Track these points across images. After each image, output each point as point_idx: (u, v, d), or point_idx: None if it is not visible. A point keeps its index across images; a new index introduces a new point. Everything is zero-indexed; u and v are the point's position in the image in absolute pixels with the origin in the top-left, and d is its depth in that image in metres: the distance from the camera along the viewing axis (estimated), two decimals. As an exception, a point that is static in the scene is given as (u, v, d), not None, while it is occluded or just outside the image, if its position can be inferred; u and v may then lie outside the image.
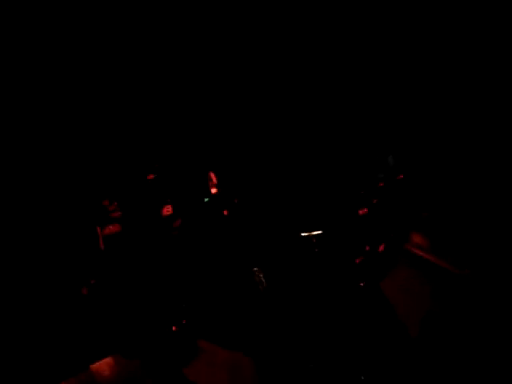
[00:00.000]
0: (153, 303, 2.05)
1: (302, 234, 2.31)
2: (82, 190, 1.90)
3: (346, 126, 2.34)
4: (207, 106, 2.14)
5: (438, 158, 2.65)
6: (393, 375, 2.29)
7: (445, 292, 2.98)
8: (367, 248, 2.48)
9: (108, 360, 2.68)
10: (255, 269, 2.23)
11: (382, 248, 2.51)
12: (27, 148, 1.84)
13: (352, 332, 2.36)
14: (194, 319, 2.16)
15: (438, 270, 3.04)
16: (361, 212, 2.42)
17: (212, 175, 2.14)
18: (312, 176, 2.30)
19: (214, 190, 2.14)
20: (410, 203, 2.63)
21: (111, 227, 1.94)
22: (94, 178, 1.92)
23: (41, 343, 1.91)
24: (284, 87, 2.23)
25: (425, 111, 2.53)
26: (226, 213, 2.17)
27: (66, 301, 1.90)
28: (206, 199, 2.13)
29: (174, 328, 2.10)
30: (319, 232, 2.32)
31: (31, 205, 1.83)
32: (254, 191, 2.23)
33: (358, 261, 2.46)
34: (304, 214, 2.32)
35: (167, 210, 2.04)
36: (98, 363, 2.61)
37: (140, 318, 2.02)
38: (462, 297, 2.86)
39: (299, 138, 2.26)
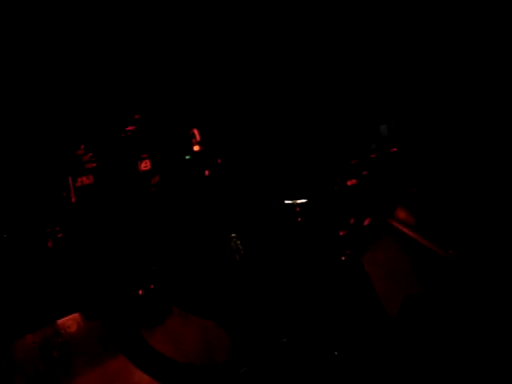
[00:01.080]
0: (121, 263, 1.98)
1: (286, 202, 2.25)
2: (55, 136, 1.80)
3: (340, 93, 2.27)
4: (196, 61, 2.05)
5: (434, 134, 2.60)
6: (368, 353, 2.27)
7: (427, 272, 2.98)
8: (352, 221, 2.43)
9: (75, 316, 2.63)
10: (233, 235, 2.17)
11: (367, 222, 2.46)
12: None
13: (328, 306, 2.32)
14: (163, 284, 2.10)
15: (421, 248, 3.04)
16: (349, 183, 2.35)
17: (196, 132, 2.05)
18: (302, 142, 2.24)
19: (196, 148, 2.05)
20: (400, 178, 2.58)
21: (84, 179, 1.85)
22: (70, 124, 1.82)
23: (5, 295, 1.84)
24: (275, 53, 2.15)
25: (423, 86, 2.48)
26: (207, 173, 2.09)
27: (31, 252, 1.82)
28: (188, 157, 2.04)
29: (140, 292, 2.04)
30: (304, 201, 2.26)
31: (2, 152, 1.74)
32: (240, 153, 2.16)
33: (341, 233, 2.40)
34: (289, 181, 2.26)
35: (145, 165, 1.95)
36: (64, 318, 2.57)
37: (105, 277, 1.96)
38: (445, 278, 2.86)
39: (290, 100, 2.19)
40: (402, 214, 3.17)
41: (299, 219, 2.26)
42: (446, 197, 2.90)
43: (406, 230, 3.16)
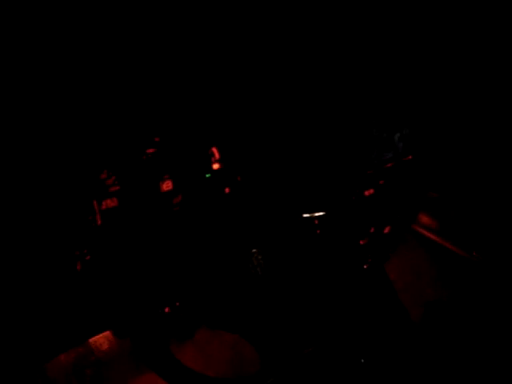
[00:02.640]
0: (148, 282, 2.03)
1: (304, 215, 2.28)
2: (79, 163, 1.85)
3: (354, 105, 2.29)
4: (210, 80, 2.09)
5: (448, 139, 2.61)
6: (393, 359, 2.28)
7: (451, 276, 2.97)
8: (372, 230, 2.45)
9: (106, 334, 2.69)
10: (254, 250, 2.20)
11: (387, 230, 2.48)
12: (23, 118, 1.79)
13: (353, 315, 2.34)
14: (188, 301, 2.14)
15: (446, 252, 3.03)
16: (367, 193, 2.38)
17: (215, 150, 2.09)
18: (317, 156, 2.26)
19: (216, 166, 2.09)
20: (418, 185, 2.59)
21: (109, 201, 1.90)
22: (92, 151, 1.88)
23: (38, 317, 1.90)
24: (290, 63, 2.18)
25: (434, 91, 2.48)
26: (227, 190, 2.13)
27: (61, 276, 1.87)
28: (208, 175, 2.08)
29: (166, 309, 2.08)
30: (322, 213, 2.28)
31: (28, 179, 1.79)
32: (258, 170, 2.19)
33: (362, 242, 2.42)
34: (307, 194, 2.29)
35: (167, 185, 2.00)
36: (96, 337, 2.62)
37: (133, 296, 2.01)
38: (469, 282, 2.85)
39: (305, 114, 2.22)
40: (424, 218, 3.18)
41: (318, 231, 2.29)
42: (467, 199, 2.90)
43: (429, 235, 3.16)
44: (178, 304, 2.10)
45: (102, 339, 2.79)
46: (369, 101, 2.29)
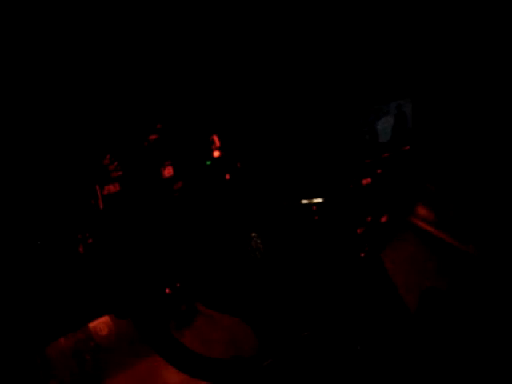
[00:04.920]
0: (149, 264, 2.06)
1: (303, 202, 2.31)
2: (82, 148, 1.88)
3: (352, 96, 2.31)
4: (211, 69, 2.12)
5: (446, 131, 2.62)
6: (389, 347, 2.31)
7: (447, 267, 2.99)
8: (369, 218, 2.47)
9: (106, 319, 2.72)
10: (253, 234, 2.23)
11: (384, 219, 2.50)
12: (26, 104, 1.82)
13: (349, 302, 2.37)
14: (189, 283, 2.17)
15: (442, 244, 3.06)
16: (364, 182, 2.41)
17: (215, 138, 2.12)
18: (316, 143, 2.29)
19: (216, 154, 2.12)
20: (415, 175, 2.61)
21: (111, 187, 1.93)
22: (95, 137, 1.90)
23: (39, 300, 1.92)
24: (289, 51, 2.20)
25: (433, 82, 2.50)
26: (228, 177, 2.16)
27: (63, 259, 1.90)
28: (209, 162, 2.11)
29: (167, 290, 2.11)
30: (320, 200, 2.31)
31: (32, 165, 1.82)
32: (258, 157, 2.22)
33: (359, 231, 2.45)
34: (306, 181, 2.31)
35: (168, 171, 2.03)
36: (96, 321, 2.65)
37: (134, 278, 2.04)
38: (465, 273, 2.87)
39: (305, 102, 2.24)
40: (422, 210, 3.21)
41: (316, 218, 2.32)
42: (464, 192, 2.92)
43: (426, 227, 3.19)
44: (178, 285, 2.13)
45: (101, 325, 2.82)
46: (366, 88, 2.32)
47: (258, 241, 2.22)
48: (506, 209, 2.74)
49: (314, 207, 2.31)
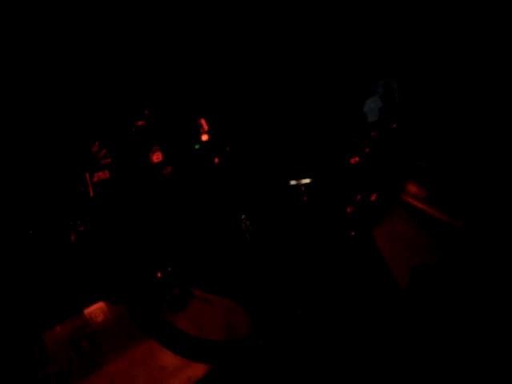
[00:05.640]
0: (139, 249, 2.07)
1: (291, 183, 2.32)
2: (71, 137, 1.88)
3: (338, 77, 2.31)
4: (197, 53, 2.11)
5: (433, 108, 2.63)
6: (381, 325, 2.33)
7: (438, 243, 3.01)
8: (358, 197, 2.49)
9: (101, 305, 2.73)
10: (243, 216, 2.25)
11: (374, 197, 2.52)
12: (14, 94, 1.81)
13: (341, 280, 2.39)
14: (180, 266, 2.19)
15: (433, 220, 3.07)
16: (352, 161, 2.42)
17: (203, 122, 2.12)
18: (303, 124, 2.29)
19: (204, 137, 2.13)
20: (403, 153, 2.62)
21: (100, 174, 1.93)
22: (83, 125, 1.91)
23: (33, 289, 1.93)
24: (275, 34, 2.20)
25: (421, 61, 2.50)
26: (217, 160, 2.17)
27: (55, 247, 1.91)
28: (197, 146, 2.12)
29: (159, 274, 2.13)
30: (308, 180, 2.32)
31: (21, 154, 1.82)
32: (246, 140, 2.22)
33: (349, 210, 2.47)
34: (294, 162, 2.32)
35: (157, 156, 2.04)
36: (91, 308, 2.66)
37: (126, 263, 2.05)
38: (456, 248, 2.89)
39: (292, 84, 2.24)
40: (412, 187, 3.23)
41: (305, 198, 2.33)
42: (454, 168, 2.94)
43: (416, 203, 3.21)
44: (170, 269, 2.15)
45: (97, 311, 2.83)
46: (353, 68, 2.32)
47: (248, 222, 2.23)
48: (495, 183, 2.75)
49: (303, 188, 2.32)
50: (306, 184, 2.32)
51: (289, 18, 2.20)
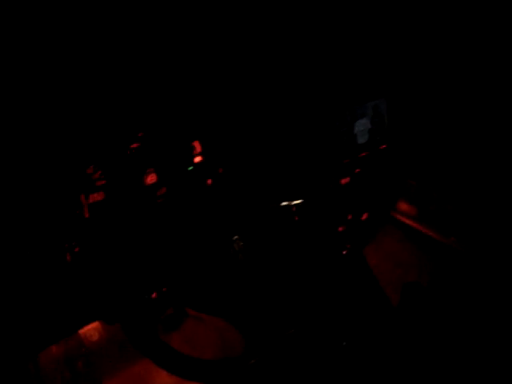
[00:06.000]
0: (135, 270, 2.09)
1: (283, 204, 2.34)
2: (66, 159, 1.91)
3: (328, 98, 2.34)
4: (191, 76, 2.15)
5: (423, 126, 2.65)
6: (374, 342, 2.34)
7: (430, 261, 3.01)
8: (349, 217, 2.51)
9: (96, 325, 2.74)
10: (236, 237, 2.27)
11: (365, 217, 2.55)
12: (9, 116, 1.84)
13: (333, 299, 2.40)
14: (175, 287, 2.21)
15: (424, 238, 3.08)
16: (343, 181, 2.45)
17: (196, 144, 2.16)
18: (294, 146, 2.32)
19: (197, 159, 2.16)
20: (393, 173, 2.65)
21: (95, 195, 1.96)
22: (79, 147, 1.94)
23: (29, 309, 1.95)
24: (267, 57, 2.24)
25: (410, 80, 2.53)
26: (210, 182, 2.20)
27: (51, 268, 1.93)
28: (190, 168, 2.15)
29: (154, 295, 2.15)
30: (299, 201, 2.35)
31: (17, 175, 1.84)
32: (238, 162, 2.25)
33: (340, 229, 2.49)
34: (285, 184, 2.35)
35: (151, 178, 2.07)
36: (86, 328, 2.67)
37: (121, 284, 2.07)
38: (448, 267, 2.89)
39: (283, 106, 2.27)
40: (403, 206, 3.25)
41: (296, 218, 2.36)
42: (445, 186, 2.95)
43: (408, 222, 3.23)
44: (164, 290, 2.17)
45: (91, 331, 2.84)
46: (342, 90, 2.35)
47: (241, 243, 2.26)
48: (487, 202, 2.77)
49: (294, 208, 2.34)
50: (297, 204, 2.35)
51: (278, 40, 2.24)
